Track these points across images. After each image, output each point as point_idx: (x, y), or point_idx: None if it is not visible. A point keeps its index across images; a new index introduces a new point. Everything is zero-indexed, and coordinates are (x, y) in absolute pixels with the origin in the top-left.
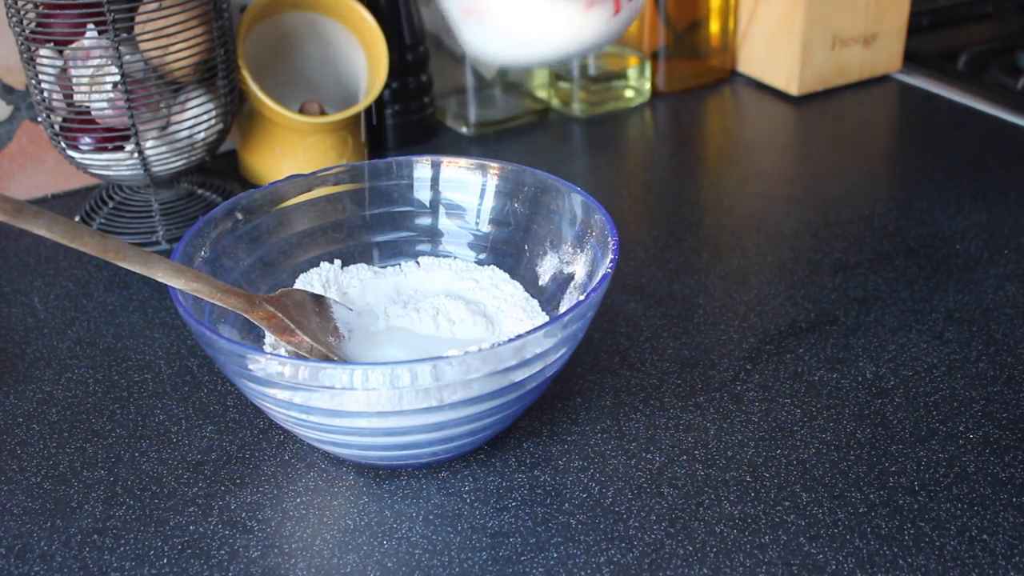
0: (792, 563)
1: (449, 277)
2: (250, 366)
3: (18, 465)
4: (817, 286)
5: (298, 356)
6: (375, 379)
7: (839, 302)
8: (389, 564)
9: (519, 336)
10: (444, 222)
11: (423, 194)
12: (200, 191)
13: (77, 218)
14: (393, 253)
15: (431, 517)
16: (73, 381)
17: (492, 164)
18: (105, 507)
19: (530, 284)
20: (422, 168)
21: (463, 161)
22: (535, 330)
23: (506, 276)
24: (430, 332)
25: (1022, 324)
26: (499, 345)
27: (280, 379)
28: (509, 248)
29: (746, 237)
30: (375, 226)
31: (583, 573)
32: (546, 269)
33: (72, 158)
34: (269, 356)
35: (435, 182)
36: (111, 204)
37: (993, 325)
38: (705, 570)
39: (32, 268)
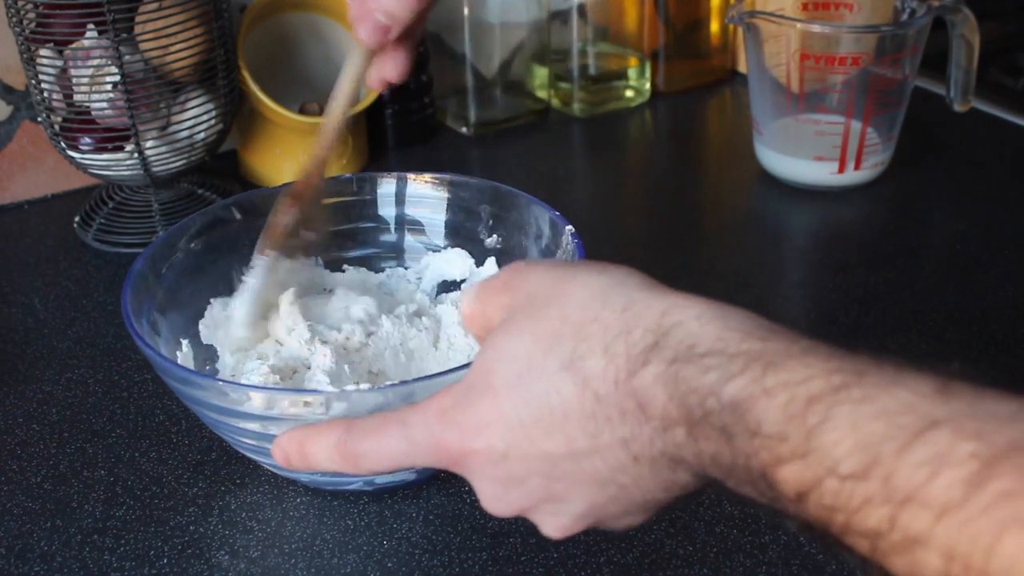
0: (792, 563)
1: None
2: (179, 385)
3: (18, 465)
4: (817, 286)
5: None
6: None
7: (839, 302)
8: (389, 564)
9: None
10: (408, 238)
11: (387, 210)
12: (200, 191)
13: (77, 218)
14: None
15: (431, 517)
16: (73, 381)
17: (457, 179)
18: (105, 507)
19: None
20: (387, 184)
21: (427, 176)
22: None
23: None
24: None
25: (1022, 324)
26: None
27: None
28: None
29: (746, 237)
30: (337, 241)
31: (583, 573)
32: None
33: (72, 158)
34: (203, 376)
35: (400, 198)
36: (111, 204)
37: (993, 325)
38: (705, 570)
39: (32, 268)
